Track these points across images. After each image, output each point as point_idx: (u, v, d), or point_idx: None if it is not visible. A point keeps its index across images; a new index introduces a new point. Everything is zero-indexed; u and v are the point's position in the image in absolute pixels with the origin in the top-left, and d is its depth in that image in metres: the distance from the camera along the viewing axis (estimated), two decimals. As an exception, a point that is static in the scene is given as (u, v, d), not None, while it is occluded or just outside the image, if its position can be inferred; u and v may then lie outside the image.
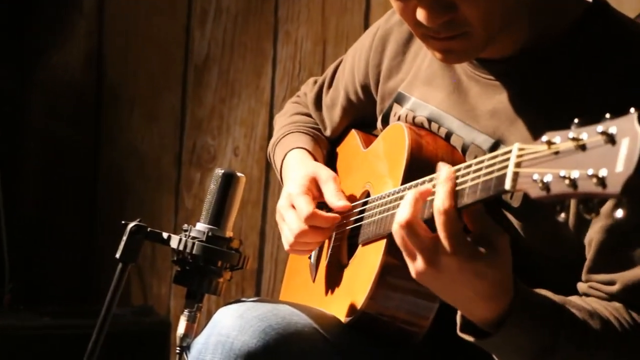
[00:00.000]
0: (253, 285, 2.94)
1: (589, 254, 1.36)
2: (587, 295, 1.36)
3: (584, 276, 1.38)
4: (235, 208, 1.45)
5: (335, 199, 1.60)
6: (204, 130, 2.97)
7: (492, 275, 1.23)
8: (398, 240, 1.26)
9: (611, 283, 1.35)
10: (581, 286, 1.38)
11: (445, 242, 1.22)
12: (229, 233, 1.43)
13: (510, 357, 1.31)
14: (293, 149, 1.76)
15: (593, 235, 1.35)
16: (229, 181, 1.44)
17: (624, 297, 1.34)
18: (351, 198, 1.64)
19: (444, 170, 1.25)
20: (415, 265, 1.25)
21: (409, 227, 1.24)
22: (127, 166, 3.07)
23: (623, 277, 1.33)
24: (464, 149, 1.47)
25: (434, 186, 1.27)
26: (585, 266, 1.37)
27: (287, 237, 1.62)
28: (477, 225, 1.24)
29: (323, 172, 1.66)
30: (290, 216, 1.61)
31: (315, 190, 1.64)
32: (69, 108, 3.13)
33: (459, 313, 1.31)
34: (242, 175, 1.46)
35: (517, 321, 1.26)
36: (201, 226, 1.43)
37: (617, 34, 1.40)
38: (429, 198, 1.27)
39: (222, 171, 1.44)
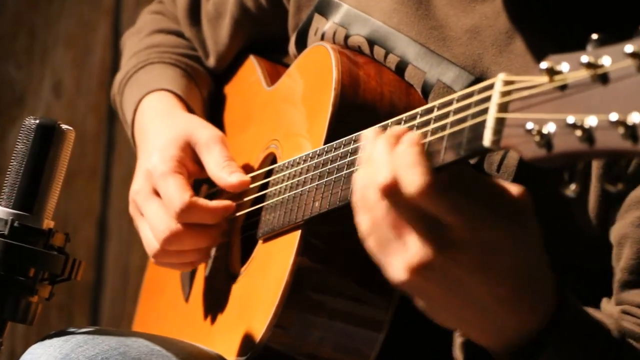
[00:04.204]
0: (87, 308, 2.93)
1: (620, 260, 1.39)
2: None
3: (614, 294, 1.41)
4: (59, 182, 1.44)
5: (224, 173, 1.61)
6: (1, 55, 2.95)
7: (519, 252, 1.18)
8: (361, 201, 1.19)
9: None
10: (611, 310, 1.41)
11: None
12: (47, 223, 1.43)
13: None
14: (153, 91, 1.76)
15: (625, 230, 1.38)
16: (47, 138, 1.44)
17: None
18: (248, 166, 1.66)
19: (396, 128, 1.22)
20: (409, 253, 1.16)
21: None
22: None
23: None
24: (426, 90, 1.50)
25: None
26: (616, 279, 1.41)
27: (151, 243, 1.63)
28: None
29: (202, 132, 1.66)
30: (154, 209, 1.62)
31: (191, 164, 1.66)
32: None
33: (458, 341, 1.30)
34: (70, 128, 1.45)
35: (562, 349, 1.23)
36: (1, 211, 1.43)
37: None
38: None
39: (36, 122, 1.44)
